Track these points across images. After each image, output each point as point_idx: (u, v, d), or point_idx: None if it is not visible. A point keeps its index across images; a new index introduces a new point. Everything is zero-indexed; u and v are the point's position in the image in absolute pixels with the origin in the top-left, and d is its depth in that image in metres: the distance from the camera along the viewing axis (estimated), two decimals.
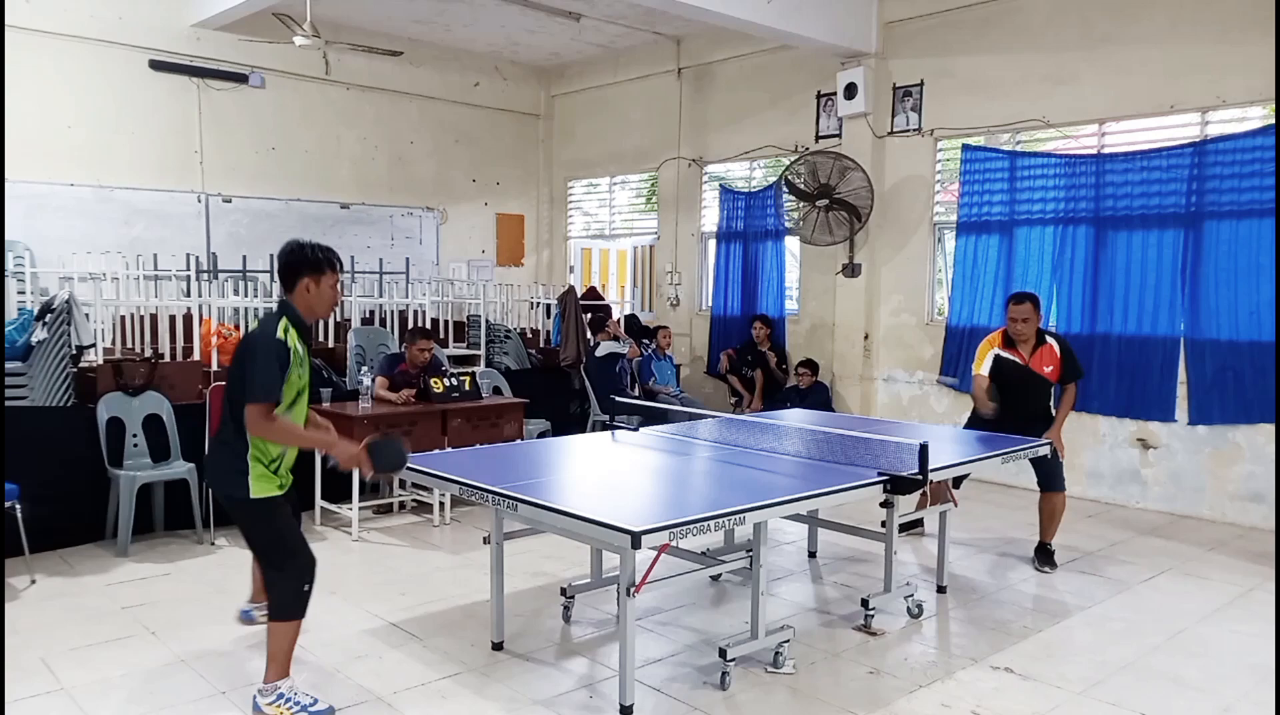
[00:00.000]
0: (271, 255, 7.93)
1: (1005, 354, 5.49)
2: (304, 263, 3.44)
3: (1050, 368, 5.41)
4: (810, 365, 8.60)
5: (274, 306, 3.57)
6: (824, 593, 4.95)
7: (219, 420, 3.54)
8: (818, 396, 8.37)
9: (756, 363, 8.97)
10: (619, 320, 9.52)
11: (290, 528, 3.48)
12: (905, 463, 4.06)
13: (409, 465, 4.12)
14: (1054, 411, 5.49)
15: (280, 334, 3.31)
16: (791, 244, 9.27)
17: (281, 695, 3.41)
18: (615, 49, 10.56)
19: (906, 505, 4.45)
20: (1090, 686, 3.78)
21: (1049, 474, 5.41)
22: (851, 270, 8.47)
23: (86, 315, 5.83)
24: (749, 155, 9.58)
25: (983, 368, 5.60)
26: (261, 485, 3.37)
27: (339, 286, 3.55)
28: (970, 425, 5.66)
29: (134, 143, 8.61)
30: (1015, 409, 5.43)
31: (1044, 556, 5.44)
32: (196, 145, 8.99)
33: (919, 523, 5.97)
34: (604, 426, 7.06)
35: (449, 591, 4.85)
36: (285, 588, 3.39)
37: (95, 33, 8.29)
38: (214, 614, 4.45)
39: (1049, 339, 5.48)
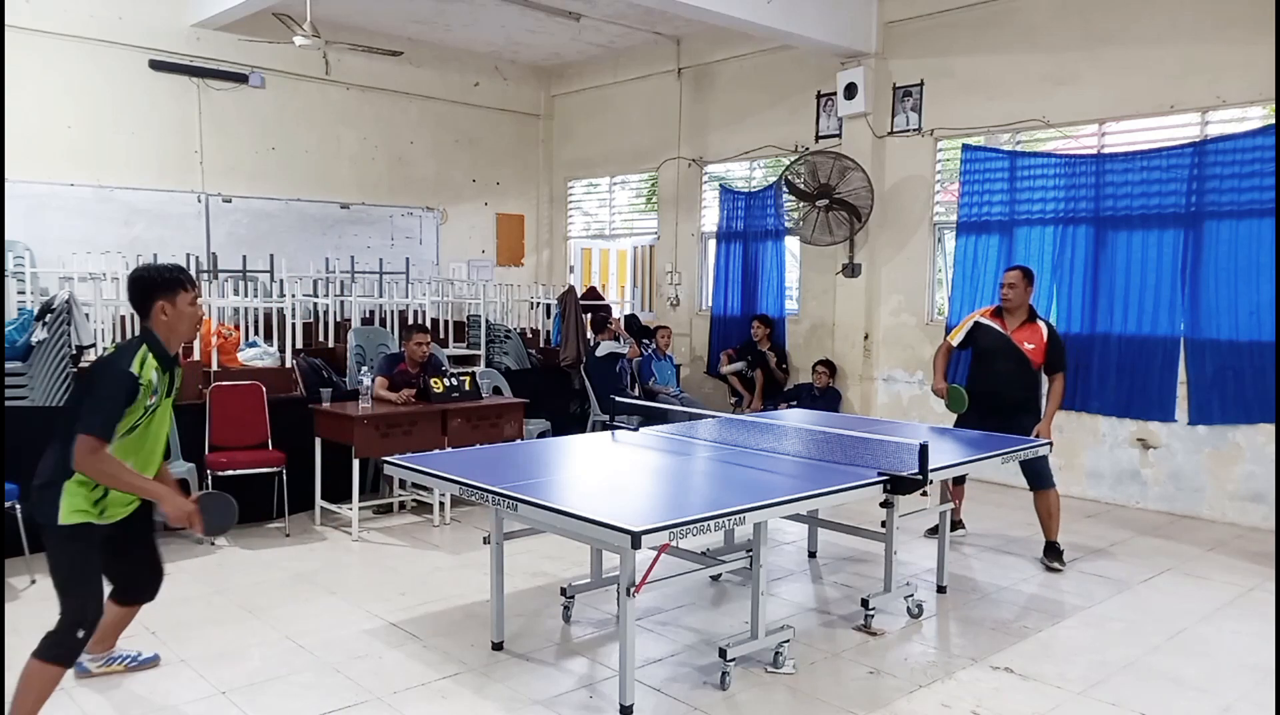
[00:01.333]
0: (272, 256, 8.05)
1: (986, 321, 5.51)
2: (155, 284, 3.19)
3: (1032, 346, 5.40)
4: (828, 366, 8.51)
5: (134, 336, 3.25)
6: (824, 593, 4.95)
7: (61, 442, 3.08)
8: (828, 401, 8.30)
9: (756, 362, 8.96)
10: (619, 319, 9.52)
11: (91, 566, 3.11)
12: (905, 463, 4.06)
13: (411, 466, 4.15)
14: (1041, 406, 5.47)
15: (134, 366, 3.04)
16: (791, 244, 9.27)
17: None
18: (615, 49, 10.56)
19: (908, 505, 4.44)
20: (1090, 686, 3.78)
21: (1036, 473, 5.38)
22: (851, 270, 8.47)
23: (86, 315, 5.83)
24: (749, 155, 9.57)
25: (957, 337, 5.64)
26: (73, 511, 3.06)
27: (198, 304, 3.29)
28: (960, 423, 5.63)
29: (134, 143, 8.62)
30: (990, 385, 5.43)
31: (1053, 554, 5.41)
32: (196, 145, 8.99)
33: (959, 523, 5.99)
34: (604, 426, 7.06)
35: (449, 591, 4.85)
36: (63, 625, 3.05)
37: (95, 33, 8.29)
38: (214, 614, 4.45)
39: (1039, 321, 5.50)
